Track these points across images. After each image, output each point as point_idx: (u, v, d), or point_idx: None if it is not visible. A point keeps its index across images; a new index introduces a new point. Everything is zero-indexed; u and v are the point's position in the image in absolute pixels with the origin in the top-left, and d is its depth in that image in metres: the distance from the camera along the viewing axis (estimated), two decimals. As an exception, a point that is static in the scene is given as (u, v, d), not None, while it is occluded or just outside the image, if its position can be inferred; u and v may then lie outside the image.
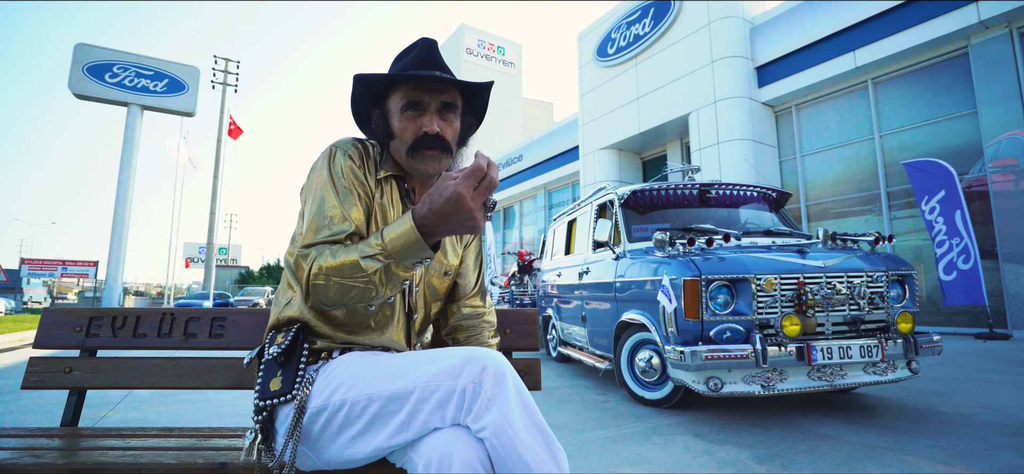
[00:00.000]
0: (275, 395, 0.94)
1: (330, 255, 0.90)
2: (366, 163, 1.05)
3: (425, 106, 1.04)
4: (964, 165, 7.18)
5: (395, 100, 1.06)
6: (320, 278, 0.89)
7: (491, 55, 31.90)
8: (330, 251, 0.91)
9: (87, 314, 1.43)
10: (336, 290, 0.89)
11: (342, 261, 0.88)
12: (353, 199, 1.00)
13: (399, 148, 1.07)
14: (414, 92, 1.04)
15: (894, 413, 2.90)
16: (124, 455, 1.07)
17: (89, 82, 17.73)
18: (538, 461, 0.80)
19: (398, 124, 1.05)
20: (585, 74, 13.32)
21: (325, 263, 0.89)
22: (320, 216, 0.96)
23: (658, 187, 3.89)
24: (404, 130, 1.04)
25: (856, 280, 2.83)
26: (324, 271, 0.88)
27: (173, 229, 19.93)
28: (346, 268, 0.88)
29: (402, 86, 1.05)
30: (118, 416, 3.26)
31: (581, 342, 4.48)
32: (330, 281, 0.88)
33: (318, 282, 0.89)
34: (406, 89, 1.04)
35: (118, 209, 17.29)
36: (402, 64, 1.07)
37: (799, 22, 8.99)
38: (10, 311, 26.50)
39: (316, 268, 0.89)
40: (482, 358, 0.86)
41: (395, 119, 1.06)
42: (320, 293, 0.90)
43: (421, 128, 1.03)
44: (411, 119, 1.04)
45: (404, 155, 1.07)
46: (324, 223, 0.95)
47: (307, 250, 0.92)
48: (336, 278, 0.88)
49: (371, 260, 0.87)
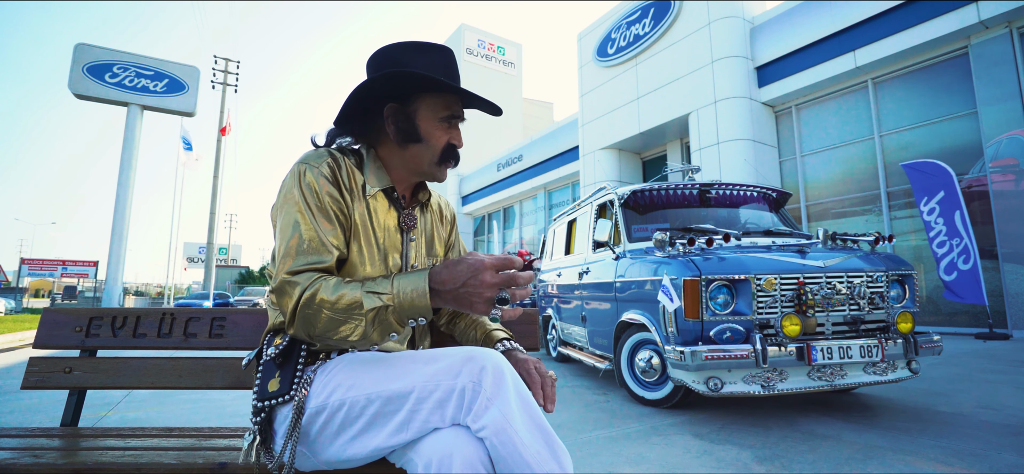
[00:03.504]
0: (273, 396, 0.93)
1: (329, 289, 0.86)
2: (339, 176, 1.00)
3: (457, 120, 1.06)
4: (964, 165, 7.18)
5: (431, 106, 1.03)
6: (311, 308, 0.86)
7: (491, 55, 31.88)
8: (327, 283, 0.87)
9: (87, 314, 1.43)
10: (325, 323, 0.86)
11: (341, 296, 0.85)
12: (330, 222, 0.96)
13: (423, 153, 1.04)
14: (455, 105, 1.05)
15: (894, 413, 2.90)
16: (124, 455, 1.07)
17: (89, 82, 17.73)
18: (539, 460, 0.80)
19: (431, 130, 1.04)
20: (585, 74, 13.31)
21: (323, 295, 0.85)
22: (299, 240, 0.92)
23: (658, 187, 3.89)
24: (439, 139, 1.04)
25: (856, 280, 2.83)
26: (317, 301, 0.85)
27: (173, 229, 19.93)
28: (344, 304, 0.85)
29: (443, 95, 1.04)
30: (118, 416, 3.26)
31: (581, 342, 4.48)
32: (322, 313, 0.85)
33: (308, 312, 0.86)
34: (447, 99, 1.04)
35: (118, 209, 17.29)
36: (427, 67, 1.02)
37: (799, 22, 8.98)
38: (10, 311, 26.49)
39: (308, 296, 0.86)
40: (481, 357, 0.85)
41: (429, 124, 1.04)
42: (307, 323, 0.87)
43: (450, 140, 1.05)
44: (445, 130, 1.05)
45: (429, 161, 1.05)
46: (304, 248, 0.92)
47: (294, 277, 0.89)
48: (329, 312, 0.85)
49: (373, 297, 0.84)
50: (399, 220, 1.10)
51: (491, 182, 18.98)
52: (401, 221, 1.10)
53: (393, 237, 1.08)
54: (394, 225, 1.08)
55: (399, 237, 1.09)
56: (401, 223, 1.10)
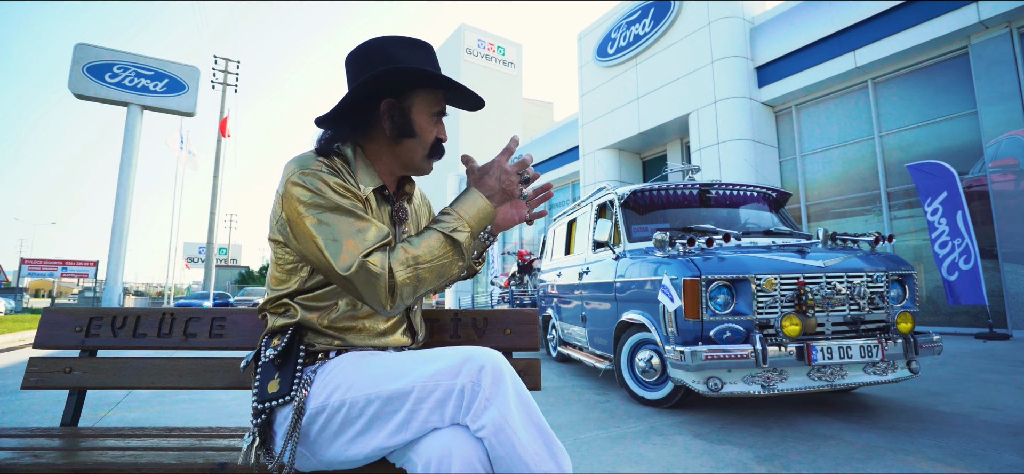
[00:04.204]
0: (273, 397, 0.93)
1: (405, 247, 0.92)
2: (342, 177, 0.99)
3: (444, 114, 1.10)
4: (964, 165, 7.17)
5: (425, 101, 1.06)
6: (407, 269, 0.90)
7: (491, 55, 31.88)
8: (401, 246, 0.93)
9: (87, 314, 1.43)
10: (425, 271, 0.92)
11: (427, 243, 0.93)
12: (352, 208, 0.94)
13: (415, 148, 1.07)
14: (442, 100, 1.09)
15: (894, 413, 2.90)
16: (124, 455, 1.07)
17: (89, 82, 17.74)
18: (537, 460, 0.80)
19: (425, 125, 1.07)
20: (585, 74, 13.31)
21: (413, 253, 0.91)
22: (351, 229, 0.91)
23: (658, 187, 3.89)
24: (430, 133, 1.08)
25: (856, 280, 2.83)
26: (412, 258, 0.91)
27: (173, 229, 19.92)
28: (434, 249, 0.93)
29: (435, 91, 1.07)
30: (118, 416, 3.26)
31: (581, 342, 4.48)
32: (419, 268, 0.91)
33: (406, 274, 0.90)
34: (438, 95, 1.08)
35: (118, 209, 17.29)
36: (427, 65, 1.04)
37: (799, 22, 8.98)
38: (10, 311, 26.49)
39: (400, 261, 0.90)
40: (480, 357, 0.86)
41: (422, 119, 1.06)
42: (408, 285, 0.91)
43: (438, 135, 1.09)
44: (435, 125, 1.09)
45: (420, 156, 1.08)
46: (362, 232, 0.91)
47: (368, 259, 0.88)
48: (427, 263, 0.92)
49: (459, 232, 0.95)
50: (391, 214, 1.10)
51: (491, 182, 18.95)
52: (393, 215, 1.11)
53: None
54: (387, 220, 1.09)
55: (393, 231, 1.10)
56: (393, 217, 1.11)
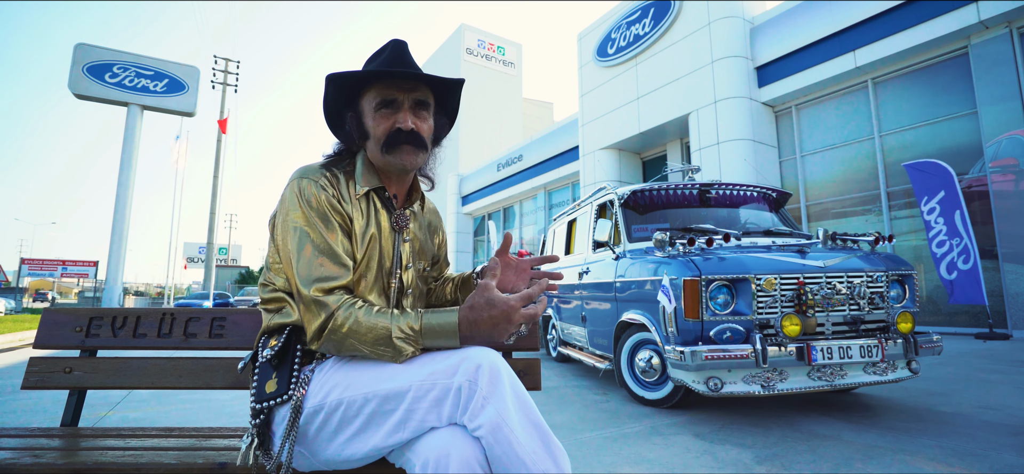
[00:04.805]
0: (271, 397, 0.94)
1: (358, 319, 0.91)
2: (336, 186, 1.03)
3: (399, 104, 1.05)
4: (964, 165, 7.17)
5: (369, 100, 1.06)
6: (341, 332, 0.91)
7: (491, 55, 31.87)
8: (355, 312, 0.91)
9: (87, 314, 1.43)
10: (350, 347, 0.92)
11: (373, 326, 0.90)
12: (336, 231, 0.99)
13: (374, 147, 1.07)
14: (387, 90, 1.05)
15: (894, 413, 2.90)
16: (124, 455, 1.07)
17: (89, 82, 17.73)
18: (535, 459, 0.80)
19: (372, 122, 1.06)
20: (585, 74, 13.31)
21: (353, 327, 0.90)
22: (313, 251, 0.95)
23: (658, 187, 3.89)
24: (378, 127, 1.05)
25: (856, 280, 2.83)
26: (346, 330, 0.90)
27: (173, 229, 19.93)
28: (374, 335, 0.90)
29: (376, 85, 1.06)
30: (118, 416, 3.26)
31: (581, 342, 4.48)
32: (348, 341, 0.91)
33: (340, 334, 0.91)
34: (380, 87, 1.05)
35: (118, 209, 17.29)
36: (374, 64, 1.06)
37: (799, 22, 8.98)
38: (10, 311, 26.49)
39: (337, 323, 0.90)
40: (477, 356, 0.86)
41: (369, 118, 1.06)
42: (334, 340, 0.92)
43: (395, 124, 1.04)
44: (385, 117, 1.05)
45: (379, 154, 1.06)
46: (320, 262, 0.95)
47: (324, 296, 0.92)
48: (354, 340, 0.90)
49: (403, 342, 0.90)
50: (391, 220, 1.10)
51: (491, 182, 18.98)
52: (393, 221, 1.11)
53: (386, 237, 1.09)
54: (387, 225, 1.09)
55: (392, 237, 1.10)
56: (393, 223, 1.11)
